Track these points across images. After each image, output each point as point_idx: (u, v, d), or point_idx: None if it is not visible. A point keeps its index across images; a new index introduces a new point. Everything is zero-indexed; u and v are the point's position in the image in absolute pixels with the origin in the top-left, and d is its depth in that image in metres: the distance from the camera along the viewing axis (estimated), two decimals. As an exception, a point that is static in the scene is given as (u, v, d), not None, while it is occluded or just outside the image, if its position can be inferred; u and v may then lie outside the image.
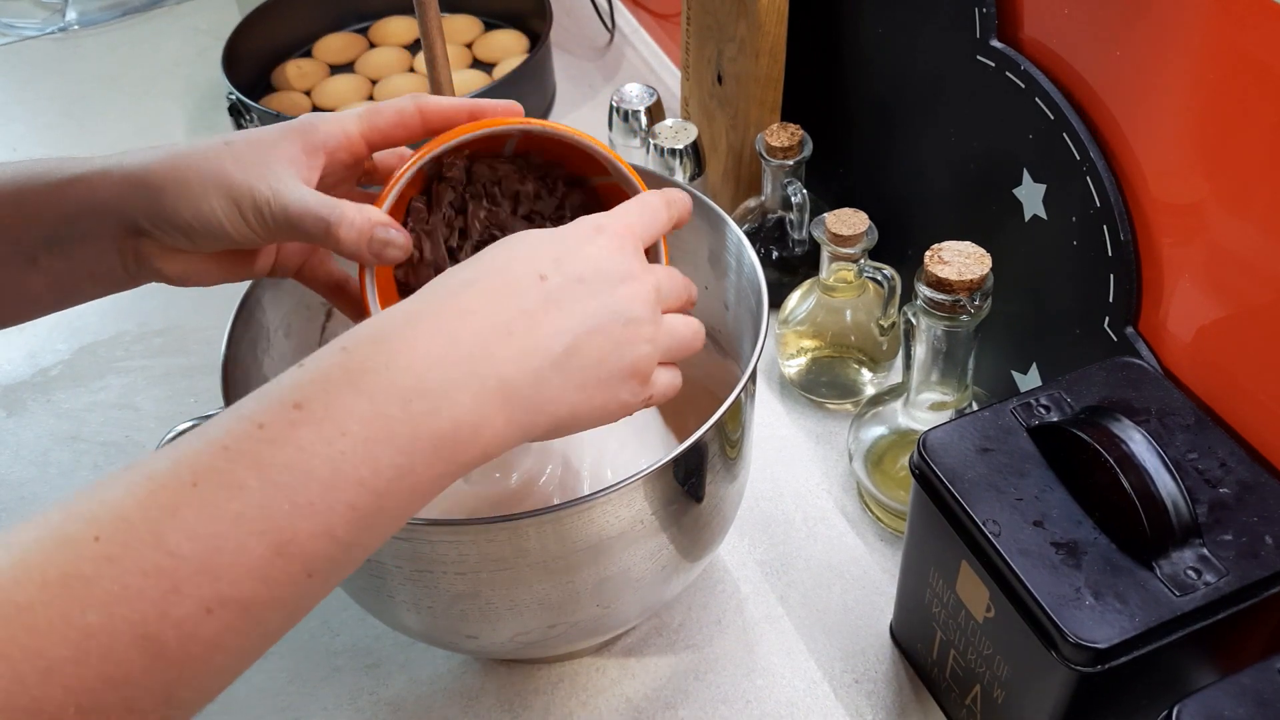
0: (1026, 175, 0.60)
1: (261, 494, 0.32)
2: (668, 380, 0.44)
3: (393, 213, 0.48)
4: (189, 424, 0.53)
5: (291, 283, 0.56)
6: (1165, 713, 0.40)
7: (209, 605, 0.31)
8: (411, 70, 1.07)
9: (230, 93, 0.94)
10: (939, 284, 0.55)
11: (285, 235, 0.46)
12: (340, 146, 0.48)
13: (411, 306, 0.38)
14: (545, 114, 1.04)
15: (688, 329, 0.45)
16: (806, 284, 0.73)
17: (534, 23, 1.08)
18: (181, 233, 0.46)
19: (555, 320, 0.39)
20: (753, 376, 0.52)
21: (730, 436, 0.53)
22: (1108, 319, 0.57)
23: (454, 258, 0.52)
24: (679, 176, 0.82)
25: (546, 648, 0.58)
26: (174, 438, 0.52)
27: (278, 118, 0.92)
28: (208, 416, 0.52)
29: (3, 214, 0.46)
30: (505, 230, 0.52)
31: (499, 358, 0.38)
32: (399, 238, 0.47)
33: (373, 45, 1.11)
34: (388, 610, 0.54)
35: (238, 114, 0.95)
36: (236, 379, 0.53)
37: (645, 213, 0.45)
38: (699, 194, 0.61)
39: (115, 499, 0.31)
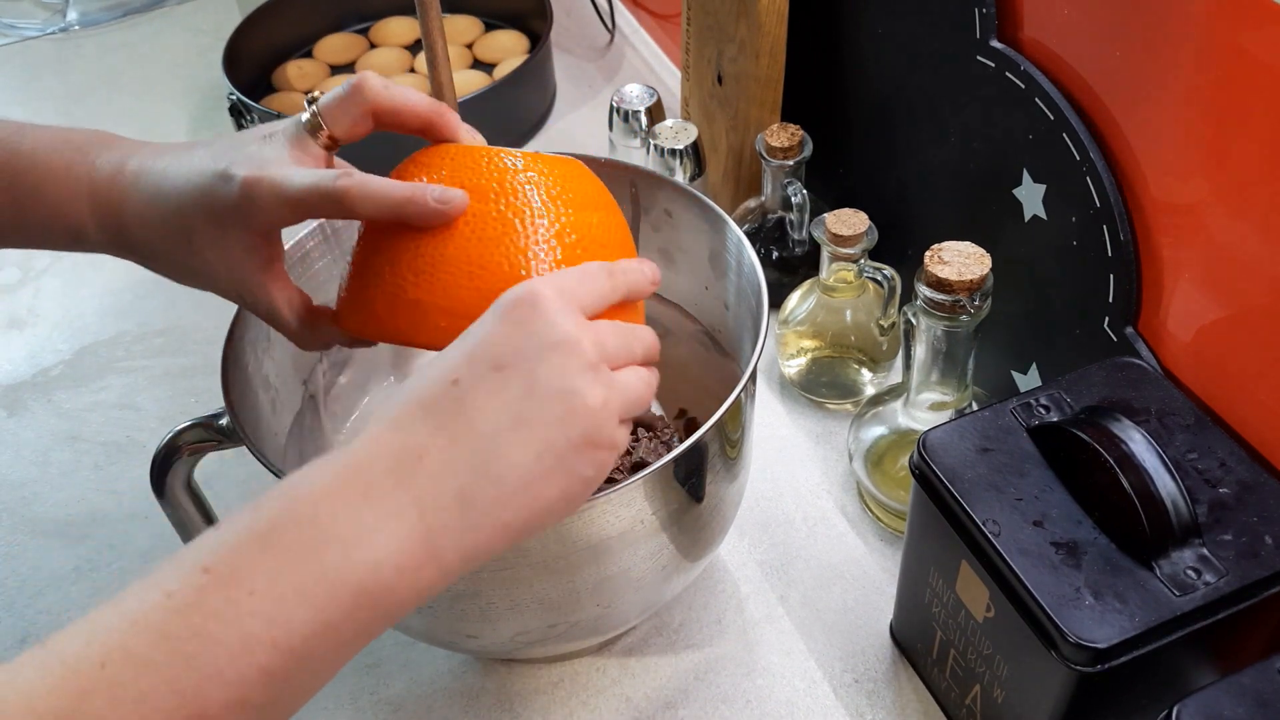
0: (1026, 175, 0.60)
1: (169, 669, 0.31)
2: (624, 434, 0.40)
3: None
4: (188, 423, 0.53)
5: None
6: (1165, 713, 0.40)
7: None
8: (412, 70, 1.07)
9: (231, 93, 0.94)
10: (939, 284, 0.55)
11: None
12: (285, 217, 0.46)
13: (326, 455, 0.37)
14: (546, 114, 1.04)
15: (640, 383, 0.40)
16: (806, 284, 0.73)
17: (534, 23, 1.08)
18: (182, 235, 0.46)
19: (472, 424, 0.36)
20: (753, 376, 0.52)
21: (730, 436, 0.53)
22: (1107, 319, 0.57)
23: None
24: (679, 177, 0.82)
25: (547, 647, 0.58)
26: (173, 437, 0.53)
27: (278, 118, 0.92)
28: (210, 418, 0.52)
29: None
30: None
31: (413, 487, 0.35)
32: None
33: (373, 46, 1.11)
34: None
35: (238, 114, 0.95)
36: (236, 379, 0.53)
37: (585, 280, 0.41)
38: (699, 194, 0.61)
39: (27, 686, 0.30)
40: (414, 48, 1.10)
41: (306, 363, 0.63)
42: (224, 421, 0.52)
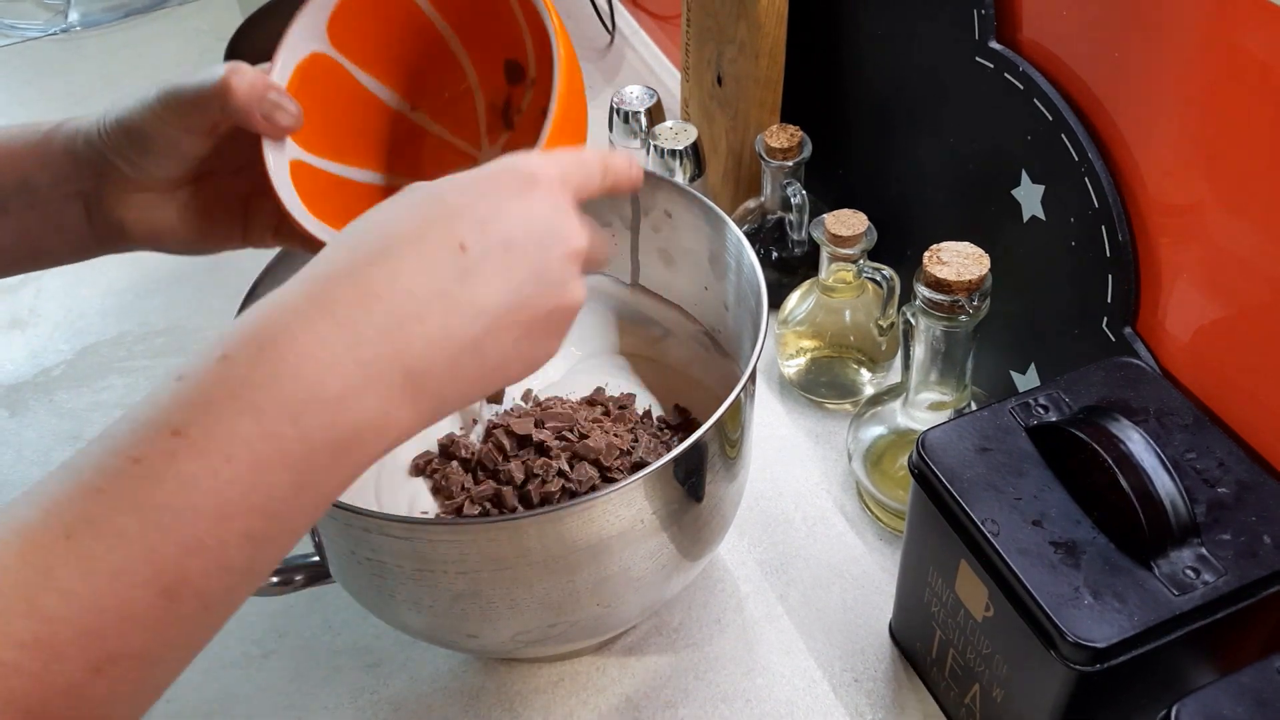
0: (1025, 176, 0.60)
1: (144, 540, 0.29)
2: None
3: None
4: None
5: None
6: (1164, 712, 0.40)
7: (97, 665, 0.29)
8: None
9: (232, 94, 0.94)
10: (938, 284, 0.55)
11: (195, 112, 0.46)
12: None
13: (304, 288, 0.34)
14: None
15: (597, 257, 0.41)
16: (806, 284, 0.73)
17: (535, 24, 1.08)
18: (124, 132, 0.46)
19: (475, 298, 0.35)
20: (752, 376, 0.52)
21: (730, 436, 0.53)
22: (1106, 319, 0.57)
23: None
24: (679, 178, 0.83)
25: (547, 647, 0.58)
26: None
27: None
28: None
29: None
30: None
31: (407, 350, 0.34)
32: (291, 104, 0.46)
33: (374, 46, 1.11)
34: (389, 609, 0.54)
35: (239, 115, 0.95)
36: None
37: (582, 168, 0.40)
38: (699, 194, 0.61)
39: None
40: (414, 48, 1.10)
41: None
42: None
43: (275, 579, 0.56)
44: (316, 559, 0.56)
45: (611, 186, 0.42)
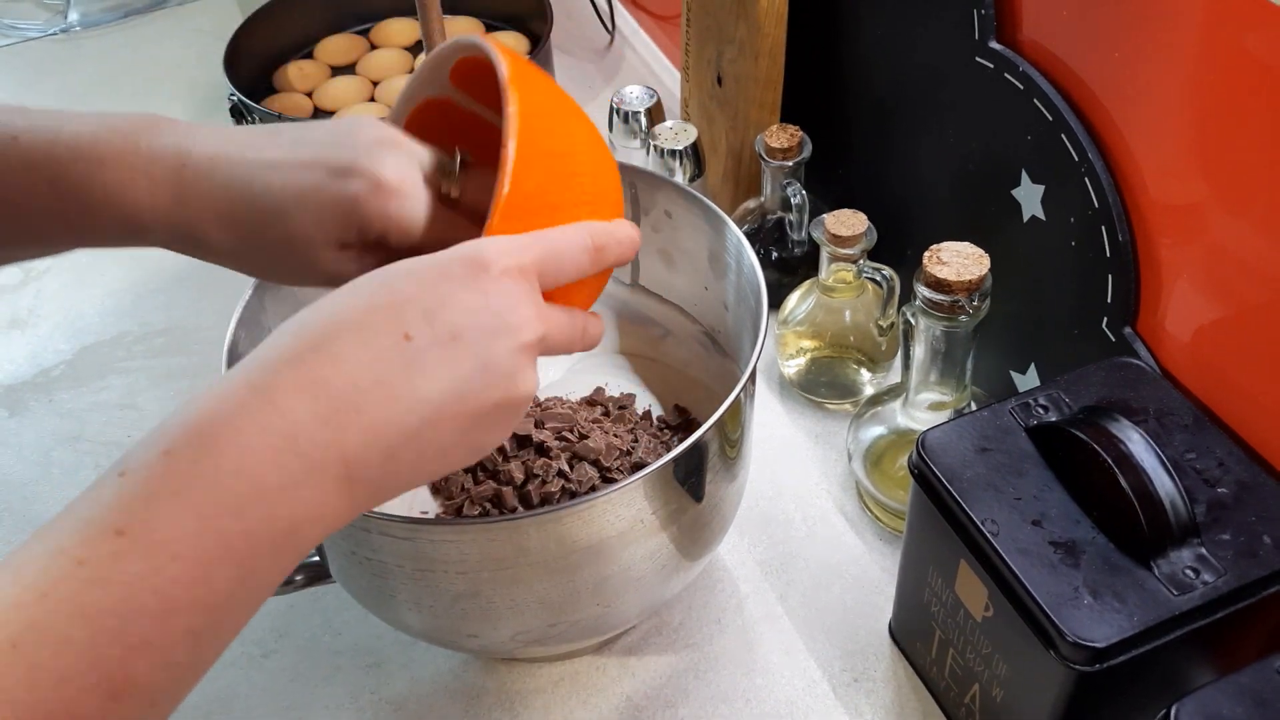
0: (1025, 176, 0.60)
1: (90, 646, 0.29)
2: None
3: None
4: None
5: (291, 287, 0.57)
6: (1163, 712, 0.40)
7: None
8: (413, 71, 1.07)
9: (232, 94, 0.94)
10: (938, 284, 0.55)
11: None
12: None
13: (247, 376, 0.34)
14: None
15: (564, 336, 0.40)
16: (806, 284, 0.73)
17: (534, 24, 1.08)
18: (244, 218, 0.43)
19: (416, 389, 0.35)
20: (752, 377, 0.52)
21: (730, 436, 0.53)
22: (1106, 319, 0.57)
23: None
24: (679, 178, 0.83)
25: (547, 646, 0.58)
26: None
27: (279, 119, 0.92)
28: None
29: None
30: None
31: (345, 440, 0.33)
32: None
33: (374, 47, 1.11)
34: (389, 609, 0.55)
35: (239, 115, 0.95)
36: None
37: (550, 254, 0.39)
38: (699, 194, 0.61)
39: None
40: (414, 49, 1.10)
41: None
42: None
43: None
44: (317, 559, 0.56)
45: (605, 265, 0.41)
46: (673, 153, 0.82)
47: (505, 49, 0.42)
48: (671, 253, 0.66)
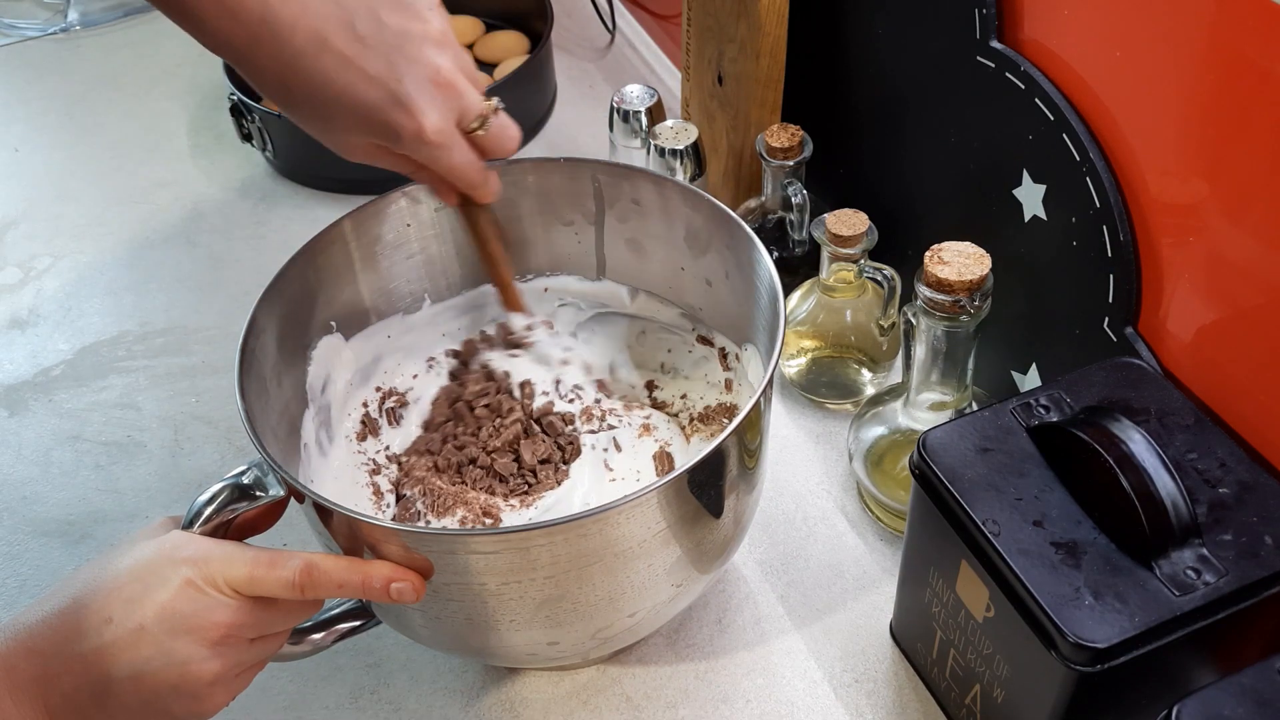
0: (1026, 176, 0.60)
1: None
2: (225, 694, 0.47)
3: None
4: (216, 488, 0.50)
5: (290, 292, 0.57)
6: (1165, 712, 0.40)
7: None
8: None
9: (231, 93, 0.94)
10: (939, 284, 0.55)
11: None
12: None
13: None
14: (546, 115, 1.04)
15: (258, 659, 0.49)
16: (807, 284, 0.73)
17: (535, 23, 1.08)
18: None
19: (105, 666, 0.43)
20: (770, 384, 0.51)
21: (749, 446, 0.52)
22: (1107, 319, 0.57)
23: None
24: (679, 177, 0.82)
25: (554, 660, 0.57)
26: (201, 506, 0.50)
27: (279, 118, 0.92)
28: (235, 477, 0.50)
29: None
30: None
31: (50, 695, 0.43)
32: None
33: (374, 46, 1.11)
34: (393, 616, 0.54)
35: (239, 115, 0.95)
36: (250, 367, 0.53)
37: (253, 568, 0.46)
38: (713, 199, 0.60)
39: None
40: (414, 48, 1.10)
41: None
42: (248, 479, 0.50)
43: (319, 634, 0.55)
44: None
45: (316, 596, 0.48)
46: (673, 152, 0.82)
47: None
48: (685, 252, 0.65)
